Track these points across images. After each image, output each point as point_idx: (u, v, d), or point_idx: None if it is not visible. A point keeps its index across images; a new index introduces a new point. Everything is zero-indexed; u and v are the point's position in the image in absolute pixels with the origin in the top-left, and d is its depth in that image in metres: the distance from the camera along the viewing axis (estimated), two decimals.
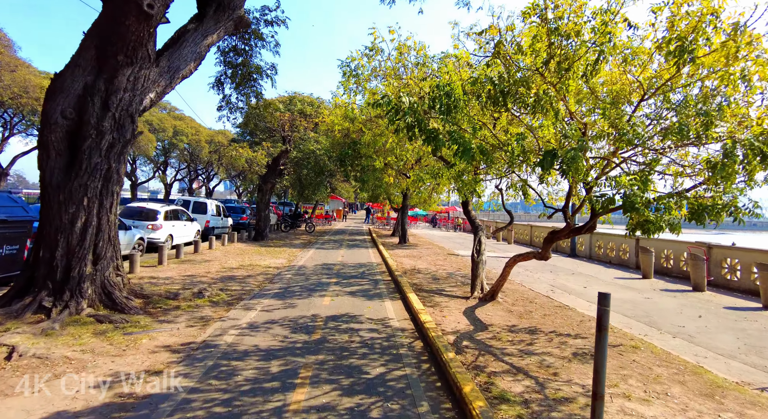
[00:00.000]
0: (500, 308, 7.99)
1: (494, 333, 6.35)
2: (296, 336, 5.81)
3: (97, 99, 6.47)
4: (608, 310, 3.10)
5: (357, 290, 9.34)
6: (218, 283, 9.34)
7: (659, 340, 6.29)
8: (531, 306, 8.30)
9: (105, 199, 6.71)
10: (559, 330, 6.60)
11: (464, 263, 14.38)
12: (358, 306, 7.72)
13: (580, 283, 11.56)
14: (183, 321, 6.38)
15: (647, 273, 12.82)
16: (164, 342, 5.38)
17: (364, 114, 10.74)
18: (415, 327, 6.59)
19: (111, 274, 6.71)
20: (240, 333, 5.89)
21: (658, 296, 9.96)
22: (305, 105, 23.62)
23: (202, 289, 8.02)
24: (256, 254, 14.86)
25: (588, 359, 5.28)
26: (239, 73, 10.46)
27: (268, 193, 20.31)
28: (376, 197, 27.76)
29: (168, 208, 14.93)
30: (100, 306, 6.36)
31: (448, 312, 7.50)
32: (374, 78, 10.29)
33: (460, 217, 40.54)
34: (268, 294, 8.47)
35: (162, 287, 8.53)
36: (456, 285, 10.29)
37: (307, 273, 11.30)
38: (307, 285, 9.59)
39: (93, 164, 6.46)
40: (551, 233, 6.48)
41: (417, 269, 12.59)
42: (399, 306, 7.92)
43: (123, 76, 6.67)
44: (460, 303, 8.29)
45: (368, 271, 12.32)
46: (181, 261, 12.29)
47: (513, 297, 9.05)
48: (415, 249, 18.69)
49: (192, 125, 49.23)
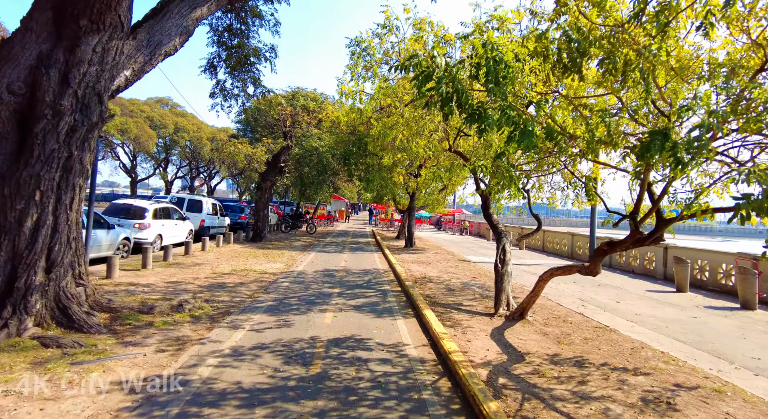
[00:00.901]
0: (532, 330, 6.80)
1: (534, 366, 5.16)
2: (290, 369, 4.63)
3: (54, 72, 5.32)
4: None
5: (363, 303, 8.15)
6: (204, 292, 8.18)
7: (741, 379, 5.08)
8: (567, 327, 7.11)
9: (64, 193, 5.56)
10: (611, 362, 5.41)
11: (478, 271, 13.19)
12: (365, 326, 6.53)
13: (610, 296, 10.36)
14: (153, 343, 5.21)
15: (682, 286, 11.58)
16: (122, 375, 4.21)
17: (376, 100, 9.55)
18: (437, 356, 5.40)
19: (69, 284, 5.55)
20: (220, 362, 4.72)
21: (706, 315, 8.74)
22: (308, 101, 22.46)
23: (183, 301, 6.86)
24: (252, 257, 13.69)
25: (665, 410, 4.08)
26: (234, 56, 9.32)
27: (267, 191, 19.15)
28: (380, 198, 26.61)
29: (157, 206, 13.79)
30: (51, 325, 5.20)
31: (473, 335, 6.31)
32: (386, 63, 9.13)
33: (466, 220, 39.33)
34: (260, 308, 7.29)
35: (139, 296, 7.38)
36: (474, 298, 9.10)
37: (306, 281, 10.13)
38: (306, 297, 8.41)
39: (48, 151, 5.31)
40: (607, 244, 5.29)
41: (428, 278, 11.40)
42: (414, 326, 6.73)
43: (87, 46, 5.52)
44: (485, 322, 7.10)
45: (375, 279, 11.13)
46: (169, 264, 11.14)
47: (543, 315, 7.86)
48: (423, 254, 17.51)
49: (194, 122, 48.28)
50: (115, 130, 37.00)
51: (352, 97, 9.19)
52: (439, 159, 10.78)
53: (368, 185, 20.98)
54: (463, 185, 14.68)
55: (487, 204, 9.23)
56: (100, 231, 10.59)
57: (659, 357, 5.68)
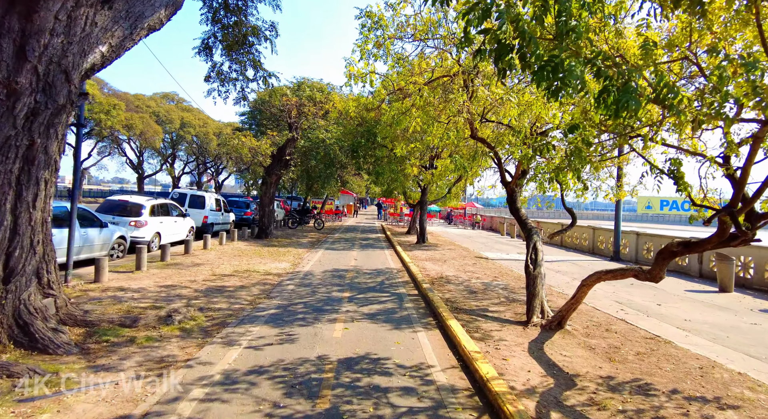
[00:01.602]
0: (575, 342, 5.85)
1: (589, 393, 4.22)
2: (293, 404, 3.73)
3: (7, 42, 4.44)
4: None
5: (378, 310, 7.24)
6: (201, 298, 7.34)
7: None
8: (613, 338, 6.14)
9: (26, 189, 4.71)
10: (681, 388, 4.44)
11: (499, 270, 12.21)
12: (381, 340, 5.62)
13: (648, 297, 9.34)
14: (131, 366, 4.36)
15: (726, 286, 10.51)
16: (80, 416, 3.35)
17: (389, 82, 8.57)
18: (471, 382, 4.47)
19: (33, 296, 4.71)
20: (207, 395, 3.84)
21: (766, 321, 7.71)
22: (314, 91, 21.48)
23: (173, 310, 6.00)
24: (256, 256, 12.86)
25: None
26: (231, 35, 8.38)
27: (272, 186, 18.28)
28: (390, 192, 25.64)
29: (156, 202, 12.99)
30: (8, 346, 4.37)
31: (508, 350, 5.38)
32: (399, 40, 8.15)
33: (478, 214, 38.26)
34: (261, 317, 6.42)
35: (125, 304, 6.56)
36: (500, 302, 8.15)
37: (314, 283, 9.25)
38: (313, 303, 7.53)
39: (2, 139, 4.45)
40: (681, 244, 4.29)
41: (445, 278, 10.47)
42: (438, 340, 5.80)
43: (47, 12, 4.62)
44: (518, 333, 6.16)
45: (388, 280, 10.22)
46: (166, 265, 10.34)
47: (581, 322, 6.90)
48: (437, 250, 16.55)
49: (200, 117, 47.66)
50: (121, 125, 36.39)
51: (362, 80, 8.18)
52: (458, 147, 9.78)
53: (377, 179, 20.02)
54: (480, 176, 13.62)
55: (514, 198, 8.25)
56: (91, 230, 9.81)
57: (739, 381, 4.70)
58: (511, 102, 5.99)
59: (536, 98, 6.03)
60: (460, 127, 7.93)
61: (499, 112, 8.00)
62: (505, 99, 5.99)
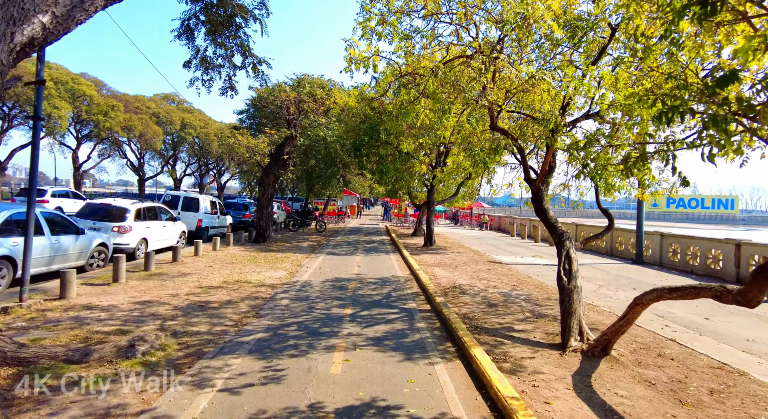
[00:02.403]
0: (627, 375, 4.74)
1: None
2: None
3: None
4: None
5: (385, 333, 6.15)
6: (179, 318, 6.29)
7: None
8: (670, 367, 5.03)
9: None
10: None
11: (516, 277, 11.09)
12: (391, 379, 4.52)
13: (690, 309, 8.21)
14: None
15: None
16: None
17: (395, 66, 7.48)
18: None
19: None
20: None
21: None
22: (315, 87, 20.43)
23: (137, 338, 4.94)
24: (251, 263, 11.81)
25: None
26: (215, 15, 7.34)
27: (270, 187, 17.24)
28: (394, 192, 24.56)
29: (142, 205, 11.96)
30: None
31: (549, 389, 4.28)
32: (407, 15, 7.06)
33: (485, 214, 37.09)
34: (246, 345, 5.35)
35: (85, 328, 5.52)
36: (525, 318, 7.05)
37: (311, 297, 8.18)
38: (308, 323, 6.45)
39: None
40: None
41: (459, 287, 9.37)
42: (461, 377, 4.68)
43: None
44: (555, 362, 5.06)
45: (395, 292, 9.13)
46: (149, 275, 9.31)
47: (624, 344, 5.79)
48: (446, 254, 15.44)
49: (201, 118, 46.90)
50: (119, 127, 35.55)
51: (364, 64, 7.05)
52: (473, 141, 8.68)
53: (381, 178, 18.91)
54: (494, 173, 12.53)
55: (540, 197, 7.14)
56: (65, 238, 8.80)
57: None
58: (545, 82, 4.88)
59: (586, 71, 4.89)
60: (478, 116, 6.83)
61: (524, 99, 6.90)
62: (539, 78, 4.89)
